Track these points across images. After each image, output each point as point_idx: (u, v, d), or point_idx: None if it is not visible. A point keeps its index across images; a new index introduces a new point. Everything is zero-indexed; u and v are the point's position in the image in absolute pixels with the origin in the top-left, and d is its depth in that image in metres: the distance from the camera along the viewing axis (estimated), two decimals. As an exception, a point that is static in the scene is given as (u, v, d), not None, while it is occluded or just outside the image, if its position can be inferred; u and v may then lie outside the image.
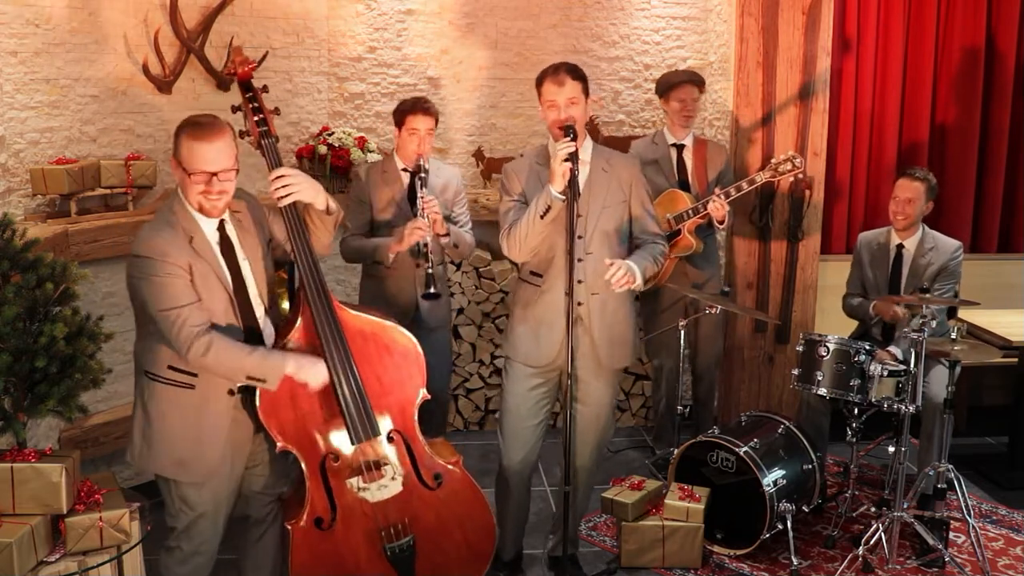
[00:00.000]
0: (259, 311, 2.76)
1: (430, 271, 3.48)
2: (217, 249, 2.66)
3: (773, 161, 4.06)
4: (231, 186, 2.62)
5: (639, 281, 3.01)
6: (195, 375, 2.62)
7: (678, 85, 4.21)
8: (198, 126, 2.57)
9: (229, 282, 2.66)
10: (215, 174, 2.56)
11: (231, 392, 2.68)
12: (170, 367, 2.62)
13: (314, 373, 2.71)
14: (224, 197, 2.61)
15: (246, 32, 4.44)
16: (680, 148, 4.28)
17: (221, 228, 2.67)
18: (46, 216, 3.83)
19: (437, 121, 3.75)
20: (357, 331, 2.87)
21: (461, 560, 3.08)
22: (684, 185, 4.24)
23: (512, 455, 3.31)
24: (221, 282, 2.64)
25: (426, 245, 3.49)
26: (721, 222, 4.06)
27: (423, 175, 3.58)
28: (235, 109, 2.88)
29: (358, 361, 2.83)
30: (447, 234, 3.64)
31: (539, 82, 3.08)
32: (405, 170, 3.78)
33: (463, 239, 3.77)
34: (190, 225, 2.61)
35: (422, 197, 3.54)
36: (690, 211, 4.08)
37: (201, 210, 2.62)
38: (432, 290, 3.50)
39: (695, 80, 4.26)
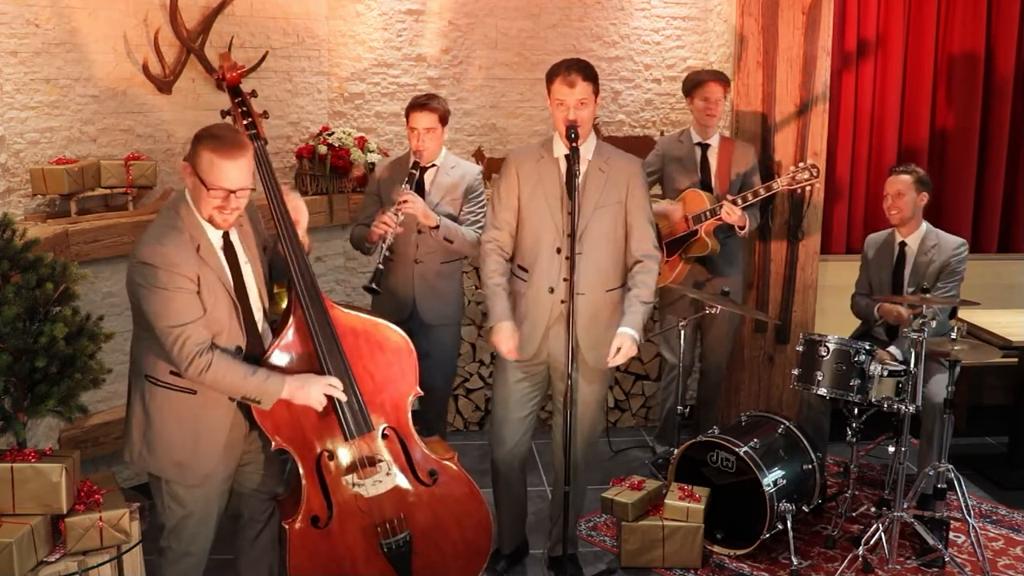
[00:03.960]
0: (258, 315, 2.77)
1: (380, 266, 3.50)
2: (222, 255, 2.64)
3: (791, 168, 4.00)
4: (244, 203, 2.59)
5: (639, 340, 3.13)
6: None
7: (703, 84, 4.18)
8: (222, 141, 2.49)
9: (232, 288, 2.66)
10: (233, 192, 2.52)
11: (231, 398, 2.69)
12: (172, 372, 2.60)
13: (307, 395, 2.71)
14: (236, 213, 2.57)
15: (246, 32, 4.44)
16: (705, 148, 4.26)
17: (225, 234, 2.66)
18: (46, 216, 3.83)
19: (444, 119, 3.70)
20: (349, 328, 2.88)
21: (458, 557, 3.08)
22: (707, 185, 4.22)
23: (501, 446, 3.34)
24: (226, 288, 2.63)
25: (385, 239, 3.51)
26: (742, 227, 4.05)
27: (413, 171, 3.62)
28: (224, 114, 2.90)
29: (350, 358, 2.84)
30: (437, 226, 3.62)
31: (550, 78, 3.07)
32: (415, 165, 3.80)
33: (457, 235, 3.68)
34: (197, 232, 2.57)
35: (399, 193, 3.55)
36: (707, 212, 4.06)
37: (211, 222, 2.58)
38: (372, 285, 3.50)
39: (720, 78, 4.22)
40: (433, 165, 3.74)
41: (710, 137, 4.25)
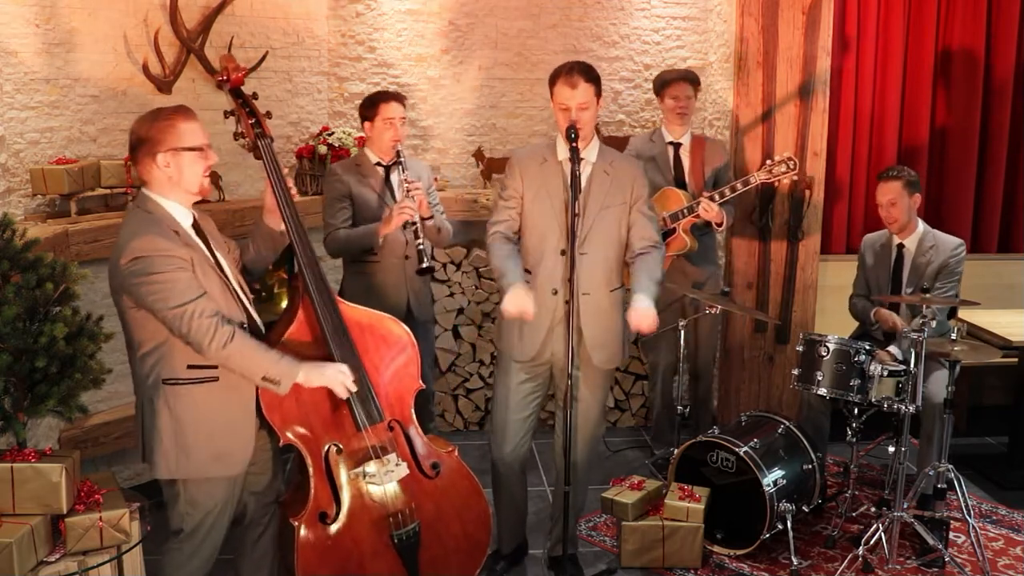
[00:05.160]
0: (244, 299, 2.76)
1: (421, 246, 3.55)
2: (198, 239, 2.66)
3: (768, 162, 4.06)
4: None
5: (653, 311, 3.03)
6: (215, 367, 2.60)
7: (671, 83, 4.23)
8: (178, 110, 2.65)
9: (216, 266, 2.66)
10: (209, 145, 2.66)
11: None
12: (190, 366, 2.59)
13: (323, 375, 2.71)
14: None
15: (246, 32, 4.44)
16: (677, 146, 4.28)
17: (195, 223, 2.69)
18: (46, 216, 3.83)
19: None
20: (355, 322, 2.91)
21: (459, 551, 3.10)
22: (681, 183, 4.24)
23: (502, 447, 3.34)
24: (213, 268, 2.64)
25: (415, 224, 3.56)
26: (719, 224, 4.06)
27: (402, 160, 3.70)
28: (227, 114, 2.91)
29: (358, 351, 2.86)
30: (431, 217, 3.71)
31: (552, 81, 3.09)
32: (379, 164, 3.83)
33: (444, 224, 3.85)
34: (170, 220, 2.61)
35: (405, 180, 3.62)
36: (684, 210, 4.09)
37: (201, 191, 2.66)
38: (425, 264, 3.57)
39: (688, 77, 4.26)
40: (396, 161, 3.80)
41: (682, 136, 4.28)
